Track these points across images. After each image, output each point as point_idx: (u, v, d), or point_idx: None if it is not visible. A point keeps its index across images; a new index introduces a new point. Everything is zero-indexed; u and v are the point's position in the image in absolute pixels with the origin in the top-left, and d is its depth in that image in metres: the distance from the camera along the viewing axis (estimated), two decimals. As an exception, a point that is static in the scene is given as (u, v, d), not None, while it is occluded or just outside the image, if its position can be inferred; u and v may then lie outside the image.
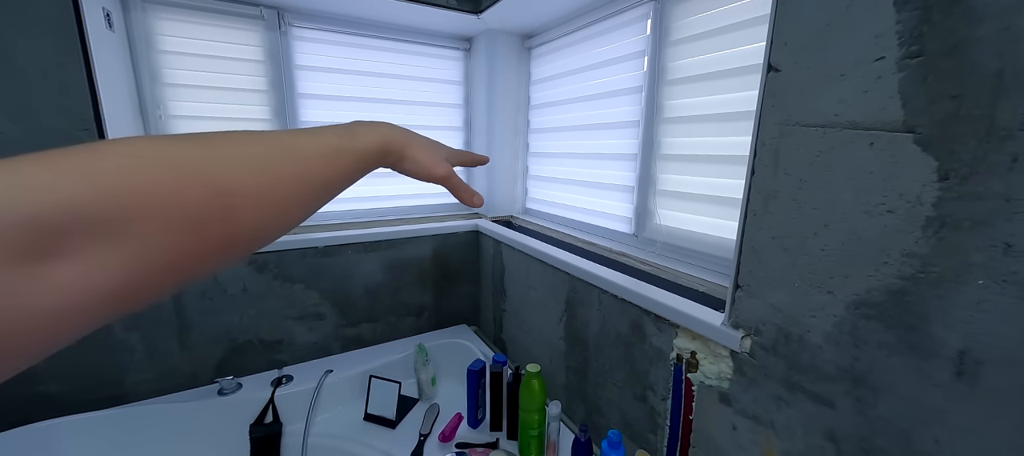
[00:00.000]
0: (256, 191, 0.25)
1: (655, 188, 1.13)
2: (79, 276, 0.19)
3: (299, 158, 0.28)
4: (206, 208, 0.23)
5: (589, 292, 1.04)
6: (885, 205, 0.50)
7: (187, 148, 0.23)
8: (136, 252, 0.20)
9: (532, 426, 0.91)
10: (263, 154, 0.26)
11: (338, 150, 0.31)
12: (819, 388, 0.59)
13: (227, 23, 1.29)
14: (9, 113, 0.94)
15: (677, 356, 0.81)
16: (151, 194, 0.21)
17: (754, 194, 0.64)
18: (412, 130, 0.39)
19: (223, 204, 0.24)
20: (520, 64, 1.66)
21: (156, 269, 0.21)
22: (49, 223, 0.18)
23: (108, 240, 0.19)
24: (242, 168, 0.25)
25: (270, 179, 0.26)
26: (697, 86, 0.99)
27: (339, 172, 0.31)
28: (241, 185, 0.24)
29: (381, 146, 0.35)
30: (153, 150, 0.22)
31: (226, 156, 0.25)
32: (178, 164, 0.22)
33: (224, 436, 1.10)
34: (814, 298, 0.58)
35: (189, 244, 0.22)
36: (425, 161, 0.38)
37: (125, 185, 0.20)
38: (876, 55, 0.50)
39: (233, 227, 0.24)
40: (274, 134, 0.29)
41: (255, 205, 0.25)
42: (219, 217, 0.23)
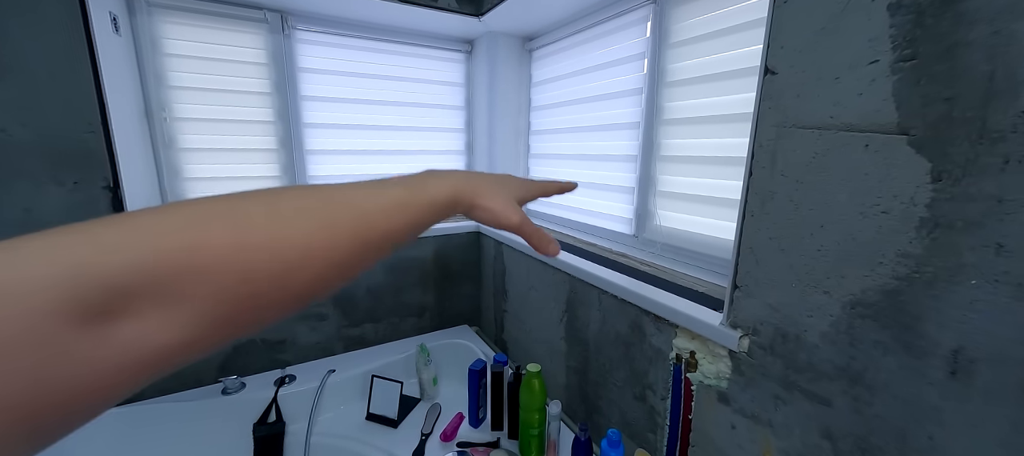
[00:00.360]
0: (313, 254, 0.25)
1: (655, 189, 1.13)
2: (139, 335, 0.19)
3: (359, 214, 0.28)
4: (263, 268, 0.23)
5: (589, 292, 1.05)
6: (880, 206, 0.51)
7: (248, 207, 0.24)
8: (195, 311, 0.21)
9: (532, 425, 0.92)
10: (322, 212, 0.26)
11: (403, 204, 0.31)
12: (816, 387, 0.60)
13: (231, 26, 1.31)
14: (19, 116, 0.96)
15: (676, 356, 0.81)
16: (212, 257, 0.21)
17: (752, 195, 0.65)
18: (485, 174, 0.38)
19: (280, 264, 0.24)
20: (521, 66, 1.67)
21: (213, 327, 0.22)
22: (117, 285, 0.18)
23: (169, 300, 0.20)
24: (300, 228, 0.25)
25: (327, 237, 0.26)
26: (696, 88, 1.00)
27: (403, 225, 0.30)
28: (298, 245, 0.25)
29: (451, 197, 0.34)
30: (216, 211, 0.23)
31: (285, 216, 0.25)
32: (238, 225, 0.23)
33: (228, 435, 1.11)
34: (811, 298, 0.59)
35: (246, 302, 0.23)
36: (496, 209, 0.36)
37: (188, 247, 0.21)
38: (870, 58, 0.51)
39: (289, 284, 0.24)
40: (336, 189, 0.29)
41: (310, 266, 0.25)
42: (276, 276, 0.24)
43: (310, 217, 0.26)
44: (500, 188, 0.38)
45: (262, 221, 0.24)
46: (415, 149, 1.68)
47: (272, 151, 1.43)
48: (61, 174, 1.02)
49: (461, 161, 1.81)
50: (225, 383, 1.18)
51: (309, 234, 0.25)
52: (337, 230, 0.27)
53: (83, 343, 0.18)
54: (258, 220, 0.24)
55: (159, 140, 1.26)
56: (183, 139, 1.29)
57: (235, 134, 1.36)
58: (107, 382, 0.19)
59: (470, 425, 1.11)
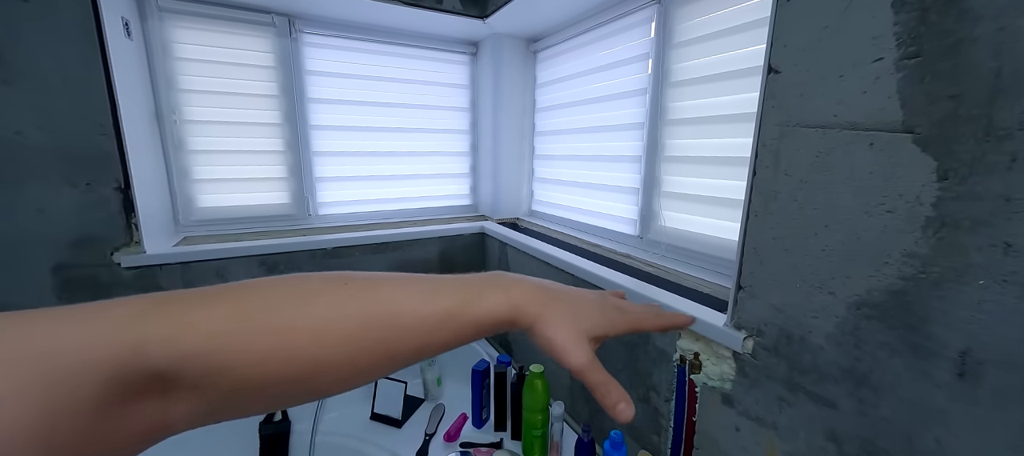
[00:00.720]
0: (346, 362, 0.25)
1: (659, 190, 1.13)
2: (156, 415, 0.20)
3: (400, 330, 0.26)
4: (297, 375, 0.24)
5: (593, 293, 1.05)
6: (885, 205, 0.50)
7: (292, 314, 0.24)
8: (217, 400, 0.22)
9: (535, 426, 0.92)
10: (364, 328, 0.25)
11: (451, 317, 0.27)
12: (821, 389, 0.59)
13: (240, 30, 1.33)
14: (35, 119, 0.98)
15: (680, 357, 0.81)
16: (255, 360, 0.22)
17: (755, 195, 0.65)
18: (559, 291, 0.31)
19: (312, 372, 0.24)
20: (526, 68, 1.68)
21: (225, 413, 0.23)
22: (160, 372, 0.20)
23: (201, 390, 0.21)
24: (338, 341, 0.25)
25: (363, 351, 0.25)
26: (700, 88, 0.99)
27: (439, 342, 0.27)
28: (334, 359, 0.25)
29: (508, 317, 0.29)
30: (262, 313, 0.23)
31: (327, 328, 0.24)
32: (282, 334, 0.23)
33: (234, 432, 1.12)
34: (815, 299, 0.58)
35: (267, 397, 0.24)
36: (559, 342, 0.29)
37: (235, 350, 0.22)
38: (874, 56, 0.50)
39: (313, 388, 0.25)
40: (383, 292, 0.27)
41: (339, 370, 0.25)
42: (305, 380, 0.24)
43: (350, 331, 0.25)
44: (572, 318, 0.30)
45: (304, 330, 0.24)
46: (420, 150, 1.69)
47: (279, 153, 1.45)
48: (74, 175, 1.04)
49: (465, 162, 1.81)
50: (232, 382, 1.19)
51: (346, 347, 0.25)
52: (375, 347, 0.26)
53: (108, 419, 0.18)
54: (301, 329, 0.24)
55: (169, 142, 1.28)
56: (192, 141, 1.32)
57: (243, 136, 1.38)
58: (110, 451, 0.19)
59: (473, 425, 1.11)
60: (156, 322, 0.20)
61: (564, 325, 0.30)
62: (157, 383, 0.20)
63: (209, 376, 0.21)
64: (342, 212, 1.58)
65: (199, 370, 0.21)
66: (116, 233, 1.10)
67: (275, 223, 1.48)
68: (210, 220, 1.39)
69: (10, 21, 0.93)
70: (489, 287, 0.29)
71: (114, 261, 1.10)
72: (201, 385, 0.21)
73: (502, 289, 0.29)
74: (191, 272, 1.20)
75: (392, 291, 0.27)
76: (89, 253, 1.08)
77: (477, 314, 0.28)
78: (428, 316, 0.27)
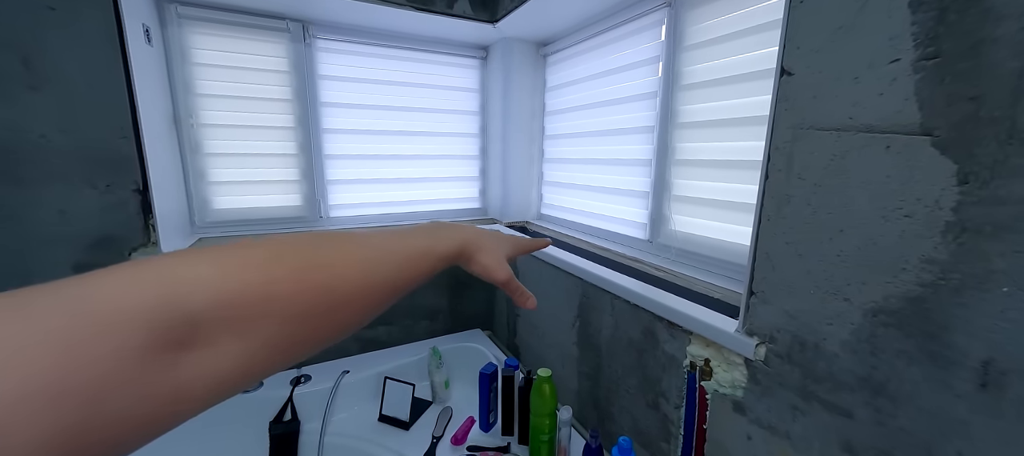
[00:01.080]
0: (358, 291, 0.29)
1: (670, 193, 1.12)
2: (207, 363, 0.20)
3: (394, 261, 0.32)
4: (317, 304, 0.26)
5: (601, 298, 1.04)
6: (902, 210, 0.49)
7: (308, 253, 0.27)
8: (257, 342, 0.23)
9: (543, 431, 0.91)
10: (367, 257, 0.30)
11: (424, 253, 0.35)
12: (836, 398, 0.57)
13: (256, 36, 1.36)
14: (59, 123, 1.01)
15: (690, 363, 0.80)
16: (281, 292, 0.24)
17: (768, 199, 0.63)
18: (483, 231, 0.43)
19: (330, 301, 0.27)
20: (535, 71, 1.68)
21: (268, 356, 0.24)
22: (200, 315, 0.20)
23: (238, 331, 0.22)
24: (349, 269, 0.29)
25: (370, 280, 0.30)
26: (712, 91, 0.98)
27: (421, 273, 0.34)
28: (346, 285, 0.28)
29: (458, 249, 0.39)
30: (285, 250, 0.26)
31: (338, 258, 0.29)
32: (306, 265, 0.26)
33: (245, 431, 1.14)
34: (830, 305, 0.57)
35: (299, 335, 0.25)
36: (489, 264, 0.41)
37: (267, 280, 0.23)
38: (891, 57, 0.49)
39: (335, 319, 0.28)
40: (375, 237, 0.33)
41: (355, 302, 0.29)
42: (325, 311, 0.27)
43: (355, 267, 0.29)
44: (496, 246, 0.43)
45: (323, 264, 0.27)
46: (429, 154, 1.70)
47: (292, 156, 1.47)
48: (95, 177, 1.07)
49: (475, 165, 1.82)
50: (244, 381, 1.21)
51: (357, 278, 0.29)
52: (378, 276, 0.30)
53: (156, 371, 0.18)
54: (316, 268, 0.27)
55: (186, 145, 1.31)
56: (208, 144, 1.35)
57: (257, 139, 1.41)
58: (167, 410, 0.19)
59: (481, 429, 1.11)
60: (191, 265, 0.21)
61: (492, 253, 0.41)
62: (201, 328, 0.20)
63: (250, 312, 0.22)
64: (353, 215, 1.60)
65: (242, 306, 0.21)
66: (134, 234, 1.13)
67: (288, 225, 1.50)
68: (224, 222, 1.41)
69: (38, 29, 0.96)
70: (441, 231, 0.39)
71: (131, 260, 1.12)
72: (243, 323, 0.22)
73: (451, 232, 0.39)
74: (205, 272, 1.22)
75: (381, 238, 0.33)
76: (108, 253, 1.11)
77: (440, 250, 0.37)
78: (412, 253, 0.34)
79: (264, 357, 0.23)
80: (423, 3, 1.36)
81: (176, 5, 1.23)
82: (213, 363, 0.20)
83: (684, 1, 1.04)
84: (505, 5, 1.40)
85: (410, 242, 0.35)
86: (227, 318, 0.21)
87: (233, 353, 0.21)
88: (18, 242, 1.02)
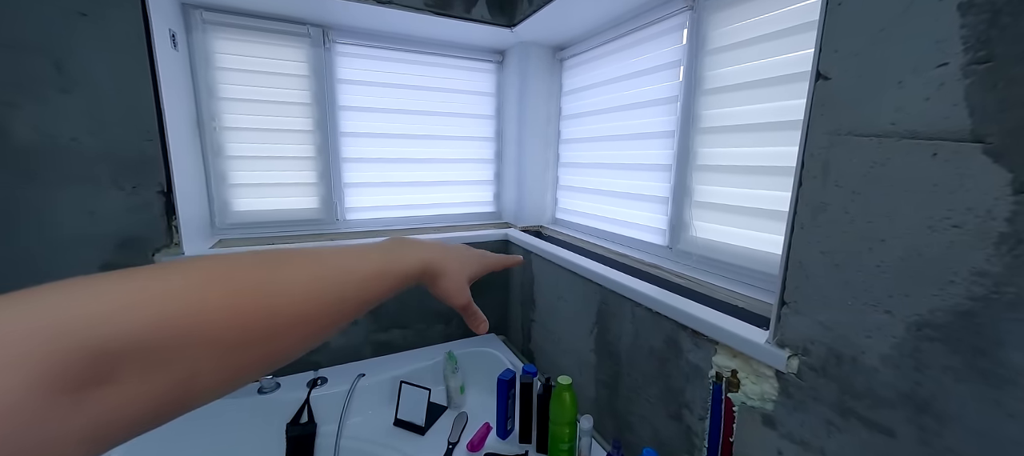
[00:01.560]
0: (304, 315, 0.27)
1: (691, 199, 1.10)
2: (119, 400, 0.18)
3: (347, 281, 0.30)
4: (254, 330, 0.24)
5: (621, 304, 1.02)
6: (950, 219, 0.47)
7: (243, 275, 0.25)
8: (183, 374, 0.21)
9: (563, 440, 0.90)
10: (316, 277, 0.28)
11: (381, 273, 0.33)
12: (876, 414, 0.55)
13: (277, 41, 1.37)
14: (88, 125, 1.03)
15: (716, 374, 0.78)
16: (209, 321, 0.22)
17: (801, 207, 0.62)
18: (448, 249, 0.41)
19: (271, 326, 0.25)
20: (552, 75, 1.68)
21: (199, 388, 0.22)
22: (106, 352, 0.18)
23: (159, 365, 0.19)
24: (294, 292, 0.27)
25: (318, 303, 0.28)
26: (736, 95, 0.96)
27: (377, 293, 0.33)
28: (291, 309, 0.26)
29: (420, 269, 0.36)
30: (212, 277, 0.23)
31: (278, 282, 0.26)
32: (233, 290, 0.24)
33: (262, 433, 1.14)
34: (869, 317, 0.55)
35: (233, 364, 0.23)
36: (450, 289, 0.39)
37: (186, 314, 0.21)
38: (938, 61, 0.47)
39: (276, 346, 0.25)
40: (328, 255, 0.31)
41: (300, 326, 0.27)
42: (265, 338, 0.25)
43: (297, 290, 0.27)
44: (461, 268, 0.40)
45: (255, 293, 0.25)
46: (445, 157, 1.70)
47: (310, 159, 1.49)
48: (121, 179, 1.09)
49: (489, 169, 1.82)
50: (261, 382, 1.22)
51: (298, 303, 0.27)
52: (324, 299, 0.28)
53: (58, 413, 0.16)
54: (251, 292, 0.24)
55: (208, 148, 1.33)
56: (230, 147, 1.36)
57: (277, 142, 1.43)
58: (78, 452, 0.17)
59: (498, 436, 1.10)
60: (95, 295, 0.19)
61: (455, 277, 0.39)
62: (106, 365, 0.18)
63: (166, 349, 0.20)
64: (368, 217, 1.61)
65: (155, 342, 0.19)
66: (158, 235, 1.15)
67: (305, 227, 1.51)
68: (244, 223, 1.43)
69: (69, 33, 0.99)
70: (403, 249, 0.36)
71: (155, 262, 1.14)
72: (157, 360, 0.19)
73: (413, 251, 0.37)
74: (226, 274, 1.23)
75: (331, 256, 0.31)
76: (133, 254, 1.13)
77: (400, 270, 0.34)
78: (366, 274, 0.32)
79: (191, 389, 0.21)
80: (442, 7, 1.37)
81: (201, 11, 1.25)
82: (127, 400, 0.19)
83: (707, 5, 1.03)
84: (523, 9, 1.40)
85: (366, 261, 0.32)
86: (141, 351, 0.19)
87: (151, 388, 0.19)
88: (48, 242, 1.04)
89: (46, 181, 1.02)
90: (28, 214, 1.02)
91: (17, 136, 0.98)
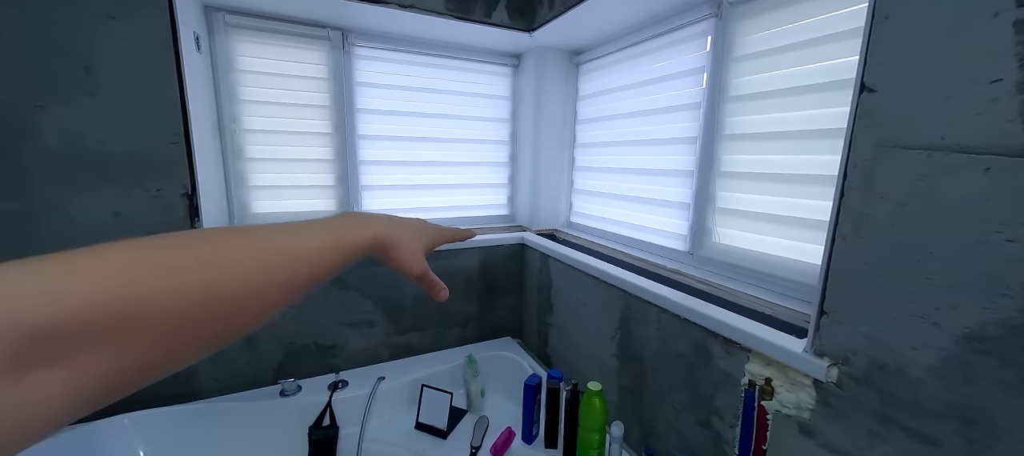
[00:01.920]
0: (253, 293, 0.27)
1: (714, 206, 1.10)
2: (63, 381, 0.19)
3: (288, 261, 0.30)
4: (202, 310, 0.24)
5: (647, 310, 1.03)
6: (1003, 234, 0.48)
7: (184, 254, 0.25)
8: (123, 355, 0.21)
9: (592, 446, 0.90)
10: (267, 250, 0.28)
11: (329, 248, 0.33)
12: (922, 425, 0.56)
13: (297, 44, 1.38)
14: (115, 128, 1.04)
15: (749, 382, 0.78)
16: (147, 303, 0.21)
17: (843, 217, 0.62)
18: (402, 221, 0.41)
19: (219, 305, 0.25)
20: (568, 79, 1.68)
21: (140, 368, 0.22)
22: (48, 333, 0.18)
23: (99, 346, 0.20)
24: (232, 273, 0.26)
25: (257, 283, 0.27)
26: (763, 103, 0.97)
27: (326, 269, 0.33)
28: (240, 288, 0.26)
29: (372, 243, 0.37)
30: (152, 257, 0.23)
31: (219, 262, 0.26)
32: (174, 268, 0.23)
33: (285, 435, 1.14)
34: (915, 329, 0.55)
35: (175, 344, 0.23)
36: (404, 260, 0.39)
37: (126, 295, 0.21)
38: (992, 77, 0.48)
39: (225, 325, 0.25)
40: (267, 234, 0.30)
41: (251, 303, 0.27)
42: (213, 317, 0.25)
43: (244, 266, 0.27)
44: (415, 239, 0.41)
45: (198, 271, 0.24)
46: (460, 160, 1.70)
47: (328, 161, 1.49)
48: (146, 181, 1.09)
49: (504, 172, 1.82)
50: (283, 385, 1.22)
51: (242, 284, 0.26)
52: (268, 278, 0.28)
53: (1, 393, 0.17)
54: (194, 269, 0.24)
55: (229, 150, 1.33)
56: (249, 149, 1.37)
57: (295, 145, 1.43)
58: (15, 433, 0.17)
59: (523, 441, 1.10)
60: (33, 274, 0.19)
61: (408, 248, 0.40)
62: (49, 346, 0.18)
63: (107, 330, 0.20)
64: (386, 220, 1.61)
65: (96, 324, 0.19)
66: (181, 237, 1.14)
67: (322, 230, 1.51)
68: (262, 226, 1.43)
69: (98, 37, 0.99)
70: (353, 223, 0.36)
71: (178, 264, 1.14)
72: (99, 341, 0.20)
73: (364, 225, 0.37)
74: (247, 276, 1.23)
75: (275, 232, 0.31)
76: (156, 256, 1.13)
77: (349, 243, 0.34)
78: (312, 250, 0.32)
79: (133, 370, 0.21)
80: (462, 12, 1.37)
81: (224, 13, 1.26)
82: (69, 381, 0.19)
83: (734, 13, 1.03)
84: (543, 14, 1.41)
85: (317, 235, 0.33)
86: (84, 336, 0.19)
87: (93, 370, 0.19)
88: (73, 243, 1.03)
89: (72, 182, 1.02)
90: (54, 215, 1.02)
91: (45, 138, 0.98)
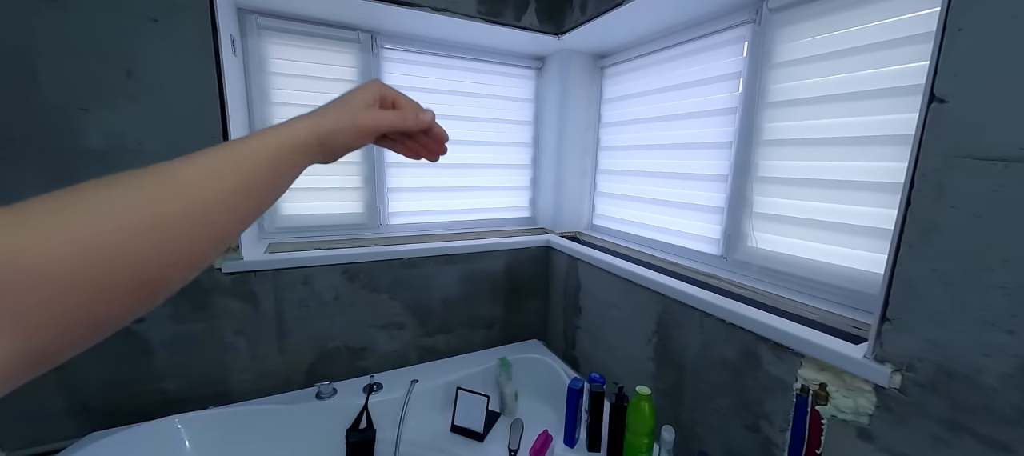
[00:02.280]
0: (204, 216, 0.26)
1: (750, 210, 1.11)
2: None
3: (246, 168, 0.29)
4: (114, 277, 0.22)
5: (688, 315, 1.03)
6: (1086, 244, 0.48)
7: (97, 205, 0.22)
8: (17, 328, 0.18)
9: (640, 450, 0.91)
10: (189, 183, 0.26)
11: (280, 147, 0.32)
12: (994, 432, 0.56)
13: (328, 47, 1.38)
14: (155, 131, 1.03)
15: (802, 387, 0.79)
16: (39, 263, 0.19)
17: (909, 225, 0.63)
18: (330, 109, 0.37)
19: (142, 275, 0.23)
20: (592, 83, 1.69)
21: (60, 337, 0.20)
22: None
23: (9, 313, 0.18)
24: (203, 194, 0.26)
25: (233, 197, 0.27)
26: (803, 109, 0.97)
27: (281, 171, 0.32)
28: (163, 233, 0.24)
29: (310, 133, 0.34)
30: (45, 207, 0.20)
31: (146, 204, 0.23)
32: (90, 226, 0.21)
33: (322, 438, 1.14)
34: (988, 337, 0.56)
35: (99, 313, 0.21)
36: (346, 126, 0.36)
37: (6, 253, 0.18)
38: (1075, 90, 0.48)
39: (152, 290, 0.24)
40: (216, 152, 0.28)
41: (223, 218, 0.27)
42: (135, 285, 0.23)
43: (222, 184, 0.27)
44: (347, 104, 0.37)
45: (120, 223, 0.22)
46: (484, 163, 1.71)
47: (355, 163, 1.49)
48: (185, 185, 1.08)
49: (526, 175, 1.82)
50: (319, 388, 1.22)
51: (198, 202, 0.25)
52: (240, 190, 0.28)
53: None
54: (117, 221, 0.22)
55: (260, 153, 1.33)
56: (280, 152, 1.36)
57: (325, 147, 1.42)
58: None
59: (565, 444, 1.11)
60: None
61: (346, 114, 0.36)
62: None
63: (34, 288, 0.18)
64: (410, 222, 1.61)
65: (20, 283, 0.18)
66: (218, 240, 1.14)
67: (348, 231, 1.51)
68: (290, 227, 1.43)
69: (140, 40, 0.99)
70: (291, 121, 0.34)
71: (215, 266, 1.14)
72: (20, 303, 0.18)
73: (300, 120, 0.34)
74: (281, 278, 1.23)
75: (226, 149, 0.29)
76: (193, 259, 1.12)
77: (295, 138, 0.33)
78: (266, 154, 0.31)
79: (55, 338, 0.20)
80: (493, 15, 1.38)
81: (257, 16, 1.25)
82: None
83: (773, 20, 1.04)
84: (572, 18, 1.41)
85: (258, 142, 0.30)
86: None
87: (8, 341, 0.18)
88: (112, 247, 1.04)
89: (113, 186, 1.02)
90: (95, 219, 1.01)
91: (89, 140, 0.98)
